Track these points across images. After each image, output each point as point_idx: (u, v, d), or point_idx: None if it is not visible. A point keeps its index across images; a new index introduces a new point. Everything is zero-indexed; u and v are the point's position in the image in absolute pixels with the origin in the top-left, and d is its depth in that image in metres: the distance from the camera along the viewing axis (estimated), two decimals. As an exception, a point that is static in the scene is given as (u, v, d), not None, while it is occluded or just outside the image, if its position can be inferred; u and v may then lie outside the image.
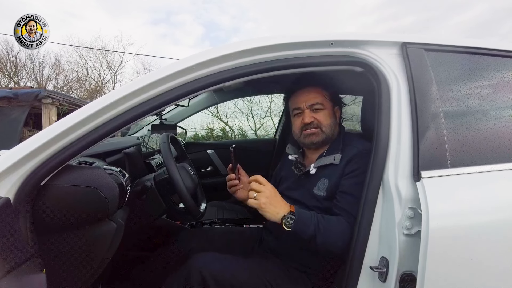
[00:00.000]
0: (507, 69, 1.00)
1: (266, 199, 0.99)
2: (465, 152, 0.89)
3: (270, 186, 1.02)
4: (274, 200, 1.01)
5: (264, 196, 0.99)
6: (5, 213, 0.69)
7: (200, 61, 0.86)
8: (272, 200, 1.00)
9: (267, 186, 1.02)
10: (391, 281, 0.82)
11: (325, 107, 1.16)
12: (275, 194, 1.02)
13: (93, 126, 0.82)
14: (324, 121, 1.15)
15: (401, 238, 0.82)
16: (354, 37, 0.93)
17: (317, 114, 1.15)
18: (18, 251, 0.70)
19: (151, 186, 1.28)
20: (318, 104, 1.15)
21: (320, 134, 1.15)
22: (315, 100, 1.15)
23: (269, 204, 0.99)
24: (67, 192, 0.83)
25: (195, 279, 1.04)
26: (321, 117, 1.15)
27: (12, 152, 0.76)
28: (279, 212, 1.00)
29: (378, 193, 0.89)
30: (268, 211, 0.99)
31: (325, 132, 1.15)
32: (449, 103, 0.93)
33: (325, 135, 1.16)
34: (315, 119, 1.15)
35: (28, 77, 14.81)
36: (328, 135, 1.16)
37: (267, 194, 1.00)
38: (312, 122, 1.15)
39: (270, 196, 1.00)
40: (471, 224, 0.83)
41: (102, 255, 0.95)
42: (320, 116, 1.15)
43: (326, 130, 1.15)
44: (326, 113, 1.16)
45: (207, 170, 2.63)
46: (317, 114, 1.15)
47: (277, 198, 1.02)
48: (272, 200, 1.00)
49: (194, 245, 1.32)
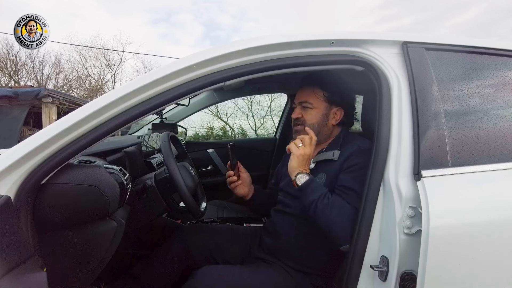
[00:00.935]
0: (508, 69, 1.00)
1: (303, 153, 1.07)
2: (466, 151, 0.89)
3: (311, 149, 1.10)
4: (305, 159, 1.08)
5: (304, 150, 1.08)
6: (5, 211, 0.69)
7: (200, 60, 0.86)
8: (304, 158, 1.08)
9: (311, 148, 1.10)
10: (391, 280, 0.82)
11: (314, 107, 1.19)
12: (309, 157, 1.10)
13: (94, 125, 0.82)
14: (308, 120, 1.18)
15: (402, 237, 0.83)
16: (355, 36, 0.93)
17: (305, 111, 1.20)
18: (19, 249, 0.70)
19: (151, 185, 1.28)
20: (307, 102, 1.19)
21: (303, 131, 1.17)
22: (305, 98, 1.20)
23: (301, 158, 1.07)
24: (68, 191, 0.83)
25: None
26: (307, 115, 1.19)
27: (13, 151, 0.76)
28: (301, 168, 1.07)
29: (378, 192, 0.89)
30: (296, 162, 1.07)
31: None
32: (450, 102, 0.93)
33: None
34: (302, 116, 1.19)
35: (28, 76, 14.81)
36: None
37: (307, 151, 1.08)
38: (298, 119, 1.20)
39: (308, 154, 1.08)
40: (471, 223, 0.83)
41: (102, 253, 0.95)
42: (307, 114, 1.19)
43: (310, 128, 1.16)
44: (314, 112, 1.19)
45: (207, 169, 2.63)
46: (304, 112, 1.20)
47: (308, 161, 1.10)
48: (305, 158, 1.08)
49: (194, 242, 1.32)
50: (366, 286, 0.90)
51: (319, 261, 1.12)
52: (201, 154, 2.65)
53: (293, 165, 1.07)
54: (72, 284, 0.93)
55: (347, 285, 0.91)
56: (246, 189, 1.33)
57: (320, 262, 1.12)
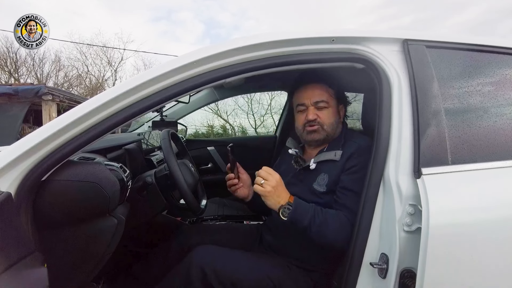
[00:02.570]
0: (509, 66, 1.00)
1: (271, 188, 1.02)
2: (466, 149, 0.89)
3: (278, 177, 1.05)
4: (278, 190, 1.03)
5: (270, 185, 1.02)
6: (6, 207, 0.69)
7: (201, 57, 0.86)
8: (277, 190, 1.03)
9: (275, 176, 1.04)
10: (391, 278, 0.83)
11: (329, 105, 1.16)
12: (280, 184, 1.05)
13: (94, 122, 0.82)
14: (326, 120, 1.15)
15: (401, 234, 0.83)
16: (356, 34, 0.93)
17: (321, 112, 1.15)
18: (20, 245, 0.70)
19: (152, 182, 1.28)
20: (323, 102, 1.15)
21: (321, 132, 1.15)
22: (320, 97, 1.15)
23: (273, 193, 1.02)
24: (68, 187, 0.83)
25: (196, 274, 1.05)
26: (324, 115, 1.15)
27: (14, 147, 0.76)
28: (280, 201, 1.02)
29: (378, 190, 0.89)
30: (270, 200, 1.03)
31: (326, 131, 1.15)
32: (450, 100, 0.93)
33: (326, 133, 1.15)
34: (318, 116, 1.15)
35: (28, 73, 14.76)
36: (330, 134, 1.16)
37: (273, 184, 1.02)
38: (315, 120, 1.14)
39: (276, 185, 1.03)
40: (471, 221, 0.83)
41: (103, 250, 0.95)
42: (324, 114, 1.15)
43: (328, 129, 1.15)
44: (330, 111, 1.16)
45: (208, 167, 2.63)
46: (320, 112, 1.15)
47: (281, 188, 1.05)
48: (277, 190, 1.03)
49: (194, 241, 1.32)
50: (365, 283, 0.90)
51: (319, 258, 1.12)
52: (201, 151, 2.65)
53: (270, 204, 1.03)
54: (72, 281, 0.93)
55: (347, 282, 0.91)
56: (246, 191, 1.28)
57: (321, 260, 1.12)
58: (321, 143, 1.19)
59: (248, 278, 1.07)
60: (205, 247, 1.16)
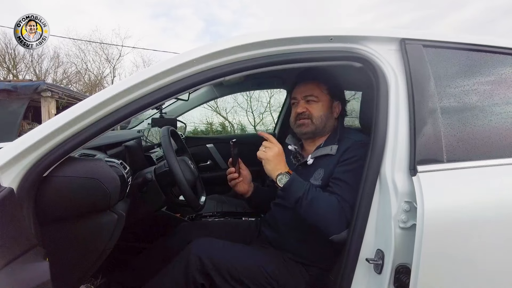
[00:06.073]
0: (505, 66, 1.01)
1: (273, 155, 1.08)
2: (461, 147, 0.90)
3: (280, 147, 1.11)
4: (278, 158, 1.09)
5: (272, 152, 1.08)
6: (8, 203, 0.70)
7: (200, 55, 0.86)
8: (277, 158, 1.08)
9: (277, 145, 1.11)
10: (386, 273, 0.84)
11: (319, 100, 1.20)
12: (281, 154, 1.10)
13: (95, 119, 0.83)
14: (315, 113, 1.19)
15: (397, 231, 0.84)
16: (354, 33, 0.94)
17: (310, 105, 1.20)
18: (22, 239, 0.71)
19: (151, 178, 1.29)
20: (312, 96, 1.20)
21: (309, 125, 1.19)
22: (310, 92, 1.20)
23: (273, 159, 1.07)
24: (69, 183, 0.84)
25: (194, 265, 1.07)
26: (313, 108, 1.19)
27: (16, 144, 0.77)
28: (279, 169, 1.07)
29: (375, 187, 0.91)
30: (270, 164, 1.08)
31: (315, 124, 1.19)
32: (447, 99, 0.94)
33: (315, 126, 1.19)
34: (307, 110, 1.19)
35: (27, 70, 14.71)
36: (318, 127, 1.19)
37: (275, 151, 1.08)
38: (303, 113, 1.19)
39: (277, 154, 1.09)
40: (465, 218, 0.85)
41: (103, 246, 0.96)
42: (313, 107, 1.19)
43: (316, 122, 1.19)
44: (320, 105, 1.20)
45: (207, 164, 2.64)
46: (309, 106, 1.20)
47: (281, 158, 1.10)
48: (277, 157, 1.08)
49: (193, 237, 1.33)
50: (361, 278, 0.91)
51: (316, 254, 1.13)
52: (200, 149, 2.66)
53: (269, 169, 1.08)
54: (73, 275, 0.95)
55: (343, 278, 0.93)
56: (246, 187, 1.31)
57: (318, 255, 1.13)
58: (310, 136, 1.23)
59: (245, 267, 1.09)
60: (203, 239, 1.18)
